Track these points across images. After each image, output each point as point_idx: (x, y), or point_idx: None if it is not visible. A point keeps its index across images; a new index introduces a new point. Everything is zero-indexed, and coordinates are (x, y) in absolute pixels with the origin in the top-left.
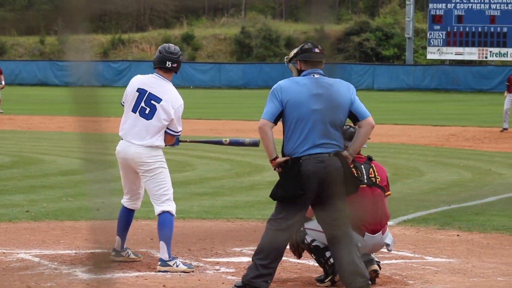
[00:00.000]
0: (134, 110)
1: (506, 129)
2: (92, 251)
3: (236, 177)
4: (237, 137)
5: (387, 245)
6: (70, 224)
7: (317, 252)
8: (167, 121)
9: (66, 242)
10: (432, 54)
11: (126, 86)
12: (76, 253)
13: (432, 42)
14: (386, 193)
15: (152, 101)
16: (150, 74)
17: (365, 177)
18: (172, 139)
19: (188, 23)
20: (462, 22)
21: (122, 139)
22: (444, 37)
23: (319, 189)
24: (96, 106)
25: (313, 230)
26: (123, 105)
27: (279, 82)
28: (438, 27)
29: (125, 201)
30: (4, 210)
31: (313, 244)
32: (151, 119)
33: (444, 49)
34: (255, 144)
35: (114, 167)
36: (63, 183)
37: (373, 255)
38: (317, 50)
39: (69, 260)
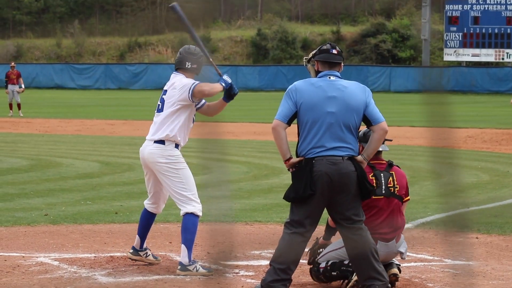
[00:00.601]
0: (156, 111)
1: None
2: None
3: (254, 180)
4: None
5: (401, 253)
6: (89, 227)
7: (336, 267)
8: (176, 104)
9: (85, 245)
10: (449, 55)
11: (142, 89)
12: (95, 256)
13: (448, 44)
14: (405, 199)
15: (162, 96)
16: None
17: (383, 187)
18: (220, 104)
19: (204, 26)
20: (478, 23)
21: None
22: (460, 39)
23: (331, 191)
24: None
25: (329, 252)
26: None
27: (295, 83)
28: (455, 28)
29: (147, 204)
30: (23, 213)
31: (329, 265)
32: (162, 111)
33: (461, 50)
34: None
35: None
36: (81, 187)
37: (393, 259)
38: (335, 52)
39: (88, 264)
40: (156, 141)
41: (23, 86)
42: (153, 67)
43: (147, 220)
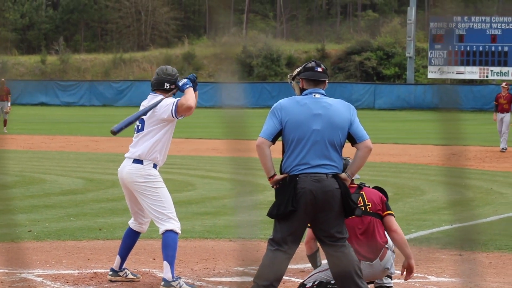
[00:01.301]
0: (135, 131)
1: (505, 149)
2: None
3: (238, 197)
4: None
5: (387, 269)
6: (73, 244)
7: (322, 286)
8: (158, 121)
9: (69, 262)
10: (433, 73)
11: (127, 106)
12: (78, 273)
13: (433, 61)
14: (385, 213)
15: (142, 116)
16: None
17: None
18: (189, 97)
19: (189, 43)
20: (463, 41)
21: None
22: (445, 56)
23: (314, 209)
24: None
25: (317, 273)
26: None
27: (280, 101)
28: (439, 46)
29: (131, 223)
30: (7, 229)
31: (315, 284)
32: (142, 130)
33: (445, 68)
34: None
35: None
36: (65, 203)
37: (384, 280)
38: (319, 69)
39: (72, 280)
40: (134, 160)
41: (9, 104)
42: (138, 84)
43: (130, 239)
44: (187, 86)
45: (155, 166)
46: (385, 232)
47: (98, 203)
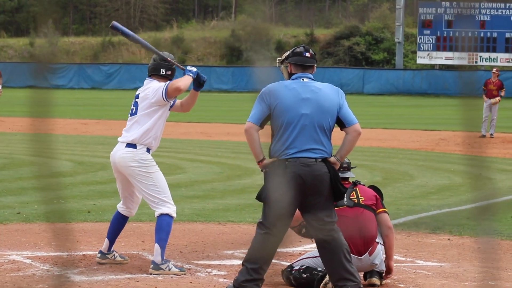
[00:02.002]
0: (129, 115)
1: (484, 136)
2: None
3: (227, 180)
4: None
5: (375, 265)
6: (62, 226)
7: (308, 270)
8: (149, 105)
9: (58, 244)
10: (422, 58)
11: (116, 89)
12: (67, 255)
13: (422, 47)
14: (378, 211)
15: (135, 100)
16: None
17: (345, 199)
18: (193, 94)
19: (178, 26)
20: (452, 27)
21: None
22: (434, 42)
23: (303, 193)
24: None
25: (306, 258)
26: None
27: (268, 85)
28: (428, 31)
29: (120, 207)
30: None
31: (302, 268)
32: (136, 114)
33: (434, 53)
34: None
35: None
36: (53, 185)
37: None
38: (308, 54)
39: (61, 262)
40: (128, 145)
41: (0, 88)
42: (127, 67)
43: (118, 222)
44: (189, 74)
45: (148, 150)
46: (376, 228)
47: (87, 186)
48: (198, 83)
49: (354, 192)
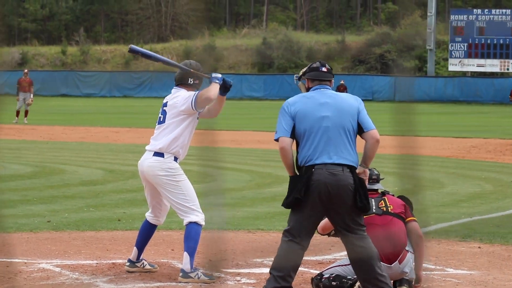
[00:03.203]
0: (157, 123)
1: None
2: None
3: (257, 188)
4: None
5: (405, 273)
6: (91, 234)
7: (338, 278)
8: (178, 113)
9: (87, 252)
10: (454, 66)
11: (147, 97)
12: (97, 263)
13: (453, 54)
14: (408, 219)
15: (164, 108)
16: None
17: (373, 207)
18: (220, 100)
19: (209, 34)
20: (483, 34)
21: None
22: (465, 49)
23: (328, 201)
24: None
25: (336, 267)
26: None
27: (287, 99)
28: (460, 38)
29: (148, 215)
30: (26, 220)
31: (332, 276)
32: (164, 122)
33: (466, 60)
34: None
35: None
36: (84, 193)
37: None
38: (324, 69)
39: (90, 271)
40: (155, 153)
41: (32, 96)
42: (158, 75)
43: (147, 231)
44: (215, 81)
45: (175, 159)
46: (406, 236)
47: (117, 194)
48: (224, 88)
49: (382, 201)
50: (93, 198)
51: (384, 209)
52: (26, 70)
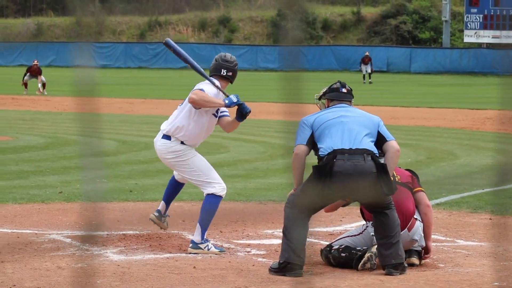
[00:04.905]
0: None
1: None
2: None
3: (270, 160)
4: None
5: (415, 240)
6: (103, 205)
7: (347, 250)
8: (186, 102)
9: (98, 223)
10: (469, 37)
11: (162, 68)
12: (107, 234)
13: (469, 25)
14: (415, 189)
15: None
16: None
17: None
18: (232, 122)
19: (224, 5)
20: (499, 5)
21: None
22: (481, 20)
23: (352, 191)
24: None
25: (345, 237)
26: None
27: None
28: (475, 10)
29: (175, 173)
30: (38, 191)
31: (341, 247)
32: (181, 105)
33: (481, 32)
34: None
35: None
36: (96, 164)
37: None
38: (344, 90)
39: (101, 242)
40: (164, 136)
41: (44, 79)
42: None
43: (173, 187)
44: (226, 102)
45: (182, 142)
46: (414, 204)
47: (129, 165)
48: (240, 114)
49: None
50: (105, 169)
51: (392, 179)
52: (35, 61)
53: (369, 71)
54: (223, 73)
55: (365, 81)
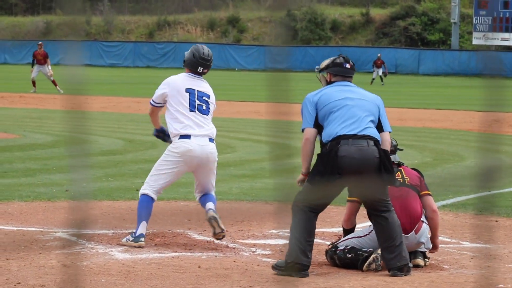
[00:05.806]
0: (192, 109)
1: None
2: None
3: (277, 160)
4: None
5: (422, 243)
6: (109, 204)
7: (353, 251)
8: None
9: (104, 222)
10: (478, 39)
11: (171, 68)
12: (113, 233)
13: (478, 28)
14: (423, 192)
15: (204, 98)
16: (183, 74)
17: None
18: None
19: (233, 5)
20: (508, 7)
21: (186, 137)
22: (490, 23)
23: (354, 175)
24: None
25: (351, 238)
26: (157, 105)
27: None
28: (484, 12)
29: (197, 195)
30: (44, 189)
31: (347, 248)
32: (208, 114)
33: (490, 34)
34: None
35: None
36: (103, 163)
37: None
38: (348, 66)
39: (106, 240)
40: (210, 139)
41: (50, 68)
42: (182, 46)
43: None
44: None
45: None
46: (421, 207)
47: (136, 164)
48: (157, 135)
49: (399, 172)
50: (112, 168)
51: (401, 181)
52: (40, 42)
53: (381, 74)
54: (199, 70)
55: (372, 83)
